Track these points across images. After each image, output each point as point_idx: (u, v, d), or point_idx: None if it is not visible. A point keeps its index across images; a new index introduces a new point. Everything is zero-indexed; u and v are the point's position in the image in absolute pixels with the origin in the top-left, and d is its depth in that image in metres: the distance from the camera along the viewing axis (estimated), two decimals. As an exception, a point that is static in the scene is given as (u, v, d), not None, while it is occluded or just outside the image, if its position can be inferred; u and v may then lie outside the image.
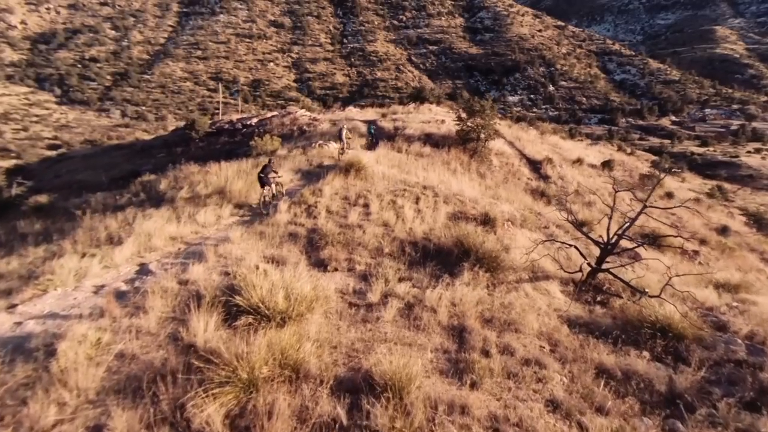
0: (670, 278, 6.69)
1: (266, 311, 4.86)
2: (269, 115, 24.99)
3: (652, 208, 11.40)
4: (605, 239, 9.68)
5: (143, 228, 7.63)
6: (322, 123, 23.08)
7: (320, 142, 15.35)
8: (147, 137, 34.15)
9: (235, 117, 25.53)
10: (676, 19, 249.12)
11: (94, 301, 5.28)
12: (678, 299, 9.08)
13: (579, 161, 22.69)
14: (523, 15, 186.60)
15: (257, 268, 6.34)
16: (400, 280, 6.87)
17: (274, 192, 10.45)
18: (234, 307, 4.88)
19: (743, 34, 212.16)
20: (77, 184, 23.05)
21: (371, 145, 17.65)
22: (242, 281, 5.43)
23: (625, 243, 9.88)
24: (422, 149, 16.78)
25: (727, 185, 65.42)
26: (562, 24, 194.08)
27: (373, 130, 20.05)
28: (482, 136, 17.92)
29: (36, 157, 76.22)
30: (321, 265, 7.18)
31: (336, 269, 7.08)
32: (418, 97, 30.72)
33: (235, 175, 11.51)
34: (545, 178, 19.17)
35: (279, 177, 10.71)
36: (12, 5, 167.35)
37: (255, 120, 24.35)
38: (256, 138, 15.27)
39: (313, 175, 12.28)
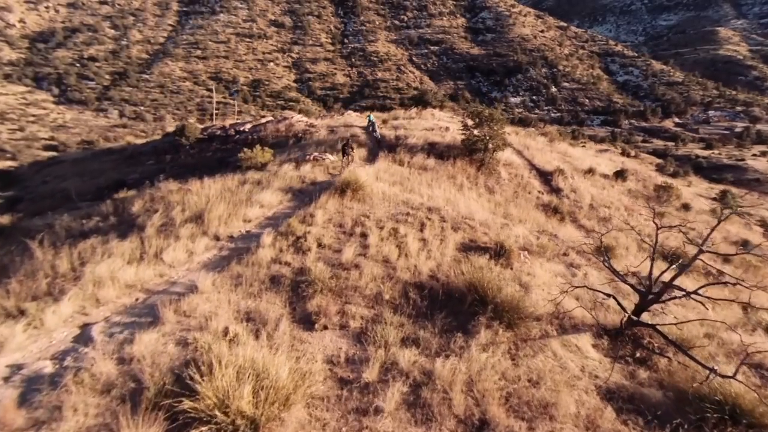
0: (746, 356, 5.36)
1: (226, 420, 3.60)
2: (264, 120, 23.68)
3: (668, 221, 10.17)
4: (644, 279, 8.43)
5: (96, 272, 6.35)
6: (319, 130, 21.80)
7: (315, 154, 14.09)
8: (139, 141, 32.95)
9: (227, 122, 24.22)
10: (678, 20, 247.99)
11: (1, 394, 4.05)
12: (724, 348, 7.85)
13: (591, 171, 21.40)
14: (525, 15, 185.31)
15: (226, 333, 5.08)
16: (403, 342, 5.62)
17: (350, 160, 14.22)
18: (181, 414, 3.62)
19: (746, 36, 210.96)
20: (60, 193, 21.83)
21: (371, 155, 16.42)
22: (202, 357, 4.19)
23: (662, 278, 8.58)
24: (426, 161, 15.52)
25: (734, 189, 64.17)
26: (564, 24, 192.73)
27: (374, 131, 18.92)
28: (490, 146, 16.67)
29: (31, 157, 74.99)
30: (307, 321, 5.92)
31: (326, 327, 5.83)
32: (421, 101, 29.45)
33: (217, 196, 10.25)
34: (557, 191, 17.91)
35: (353, 151, 14.87)
36: (11, 3, 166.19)
37: (249, 126, 23.04)
38: (245, 150, 14.01)
39: (305, 195, 11.01)
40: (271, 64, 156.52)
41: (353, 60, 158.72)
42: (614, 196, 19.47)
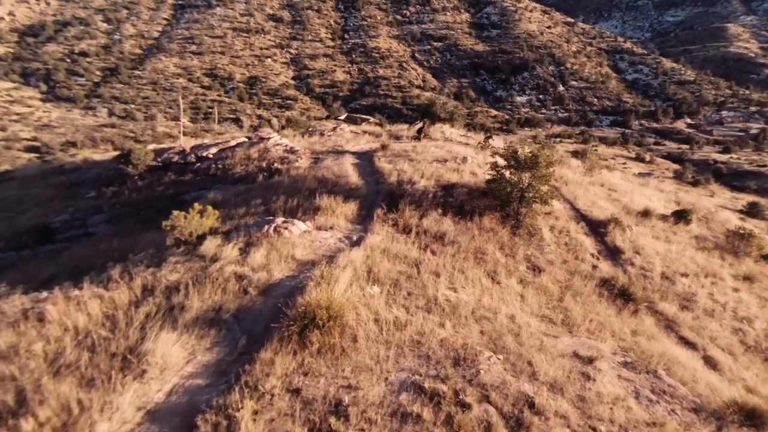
0: None
1: None
2: (233, 143, 18.90)
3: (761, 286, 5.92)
4: None
5: None
6: (300, 157, 17.14)
7: (278, 222, 9.37)
8: (97, 156, 28.37)
9: (188, 145, 19.36)
10: (686, 16, 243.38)
11: None
12: None
13: (646, 214, 16.76)
14: (531, 11, 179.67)
15: None
16: None
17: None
18: None
19: (756, 32, 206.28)
20: (-31, 239, 17.16)
21: (364, 210, 11.74)
22: None
23: None
24: (441, 223, 10.87)
25: (761, 200, 59.45)
26: (572, 21, 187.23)
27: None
28: (528, 195, 12.01)
29: (11, 160, 70.45)
30: None
31: None
32: (427, 113, 24.69)
33: (77, 343, 5.74)
34: (615, 252, 13.26)
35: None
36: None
37: (213, 150, 18.27)
38: (174, 214, 9.39)
39: (243, 325, 6.40)
40: (269, 60, 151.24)
41: (354, 56, 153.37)
42: (684, 252, 14.80)
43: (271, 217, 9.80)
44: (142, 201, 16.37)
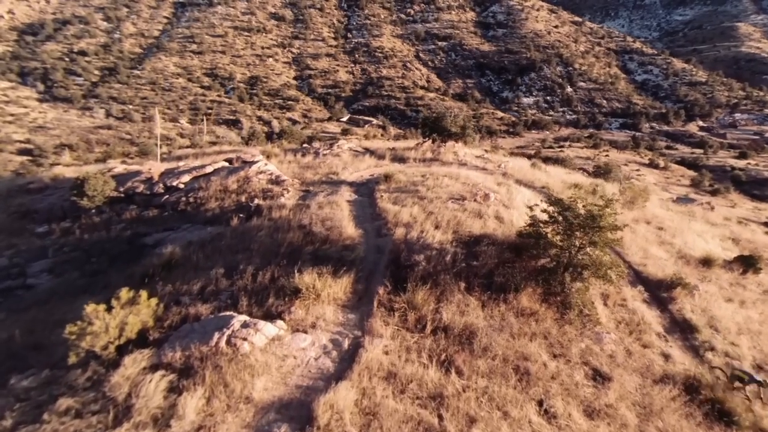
0: None
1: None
2: (209, 168, 15.87)
3: None
4: None
5: None
6: (287, 190, 14.20)
7: (236, 326, 6.44)
8: (68, 172, 25.47)
9: (156, 171, 16.24)
10: (695, 15, 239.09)
11: None
12: None
13: (707, 263, 13.77)
14: (538, 10, 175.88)
15: None
16: None
17: None
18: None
19: (767, 32, 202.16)
20: None
21: (359, 286, 8.80)
22: None
23: None
24: (466, 312, 7.88)
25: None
26: (579, 20, 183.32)
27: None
28: (581, 266, 9.01)
29: (2, 164, 67.87)
30: None
31: None
32: (436, 127, 21.69)
33: None
34: (686, 330, 10.26)
35: None
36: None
37: (186, 178, 15.25)
38: (88, 312, 6.50)
39: None
40: (270, 59, 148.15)
41: (356, 56, 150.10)
42: (767, 320, 11.78)
43: (229, 313, 6.90)
44: (94, 244, 13.50)
